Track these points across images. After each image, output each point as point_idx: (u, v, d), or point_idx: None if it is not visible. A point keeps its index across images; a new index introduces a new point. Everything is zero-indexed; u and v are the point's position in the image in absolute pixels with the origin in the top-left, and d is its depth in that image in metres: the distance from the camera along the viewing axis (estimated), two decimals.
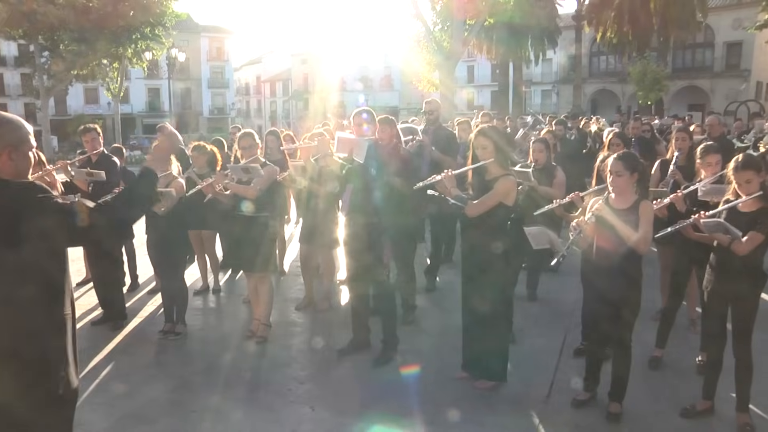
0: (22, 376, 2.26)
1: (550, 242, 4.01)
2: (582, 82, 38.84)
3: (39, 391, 2.31)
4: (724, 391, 4.10)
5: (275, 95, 68.55)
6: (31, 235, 2.18)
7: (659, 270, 5.80)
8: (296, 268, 7.16)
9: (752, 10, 27.14)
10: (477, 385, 4.53)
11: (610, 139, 6.03)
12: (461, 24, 18.72)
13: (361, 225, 4.92)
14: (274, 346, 5.45)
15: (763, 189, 3.82)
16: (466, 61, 48.46)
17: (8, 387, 2.24)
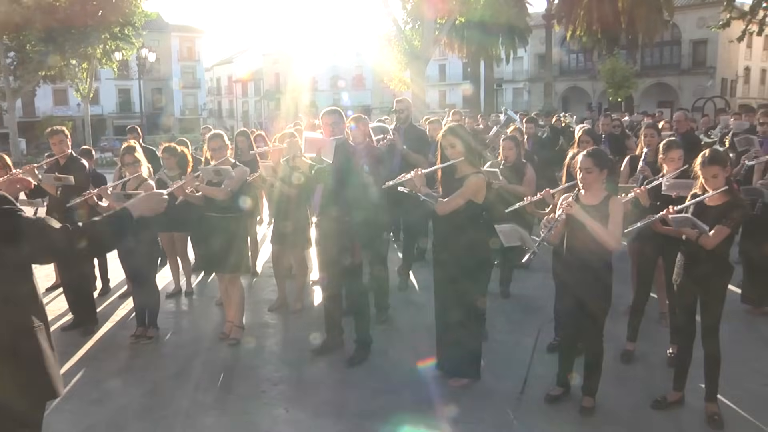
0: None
1: (521, 239, 4.03)
2: (553, 79, 39.25)
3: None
4: (694, 382, 4.17)
5: (247, 95, 68.12)
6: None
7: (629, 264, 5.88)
8: (269, 269, 7.12)
9: (716, 9, 27.78)
10: (451, 382, 4.55)
11: (579, 136, 6.10)
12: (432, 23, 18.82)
13: (333, 225, 4.90)
14: (247, 348, 5.42)
15: (728, 184, 3.90)
16: (437, 60, 48.66)
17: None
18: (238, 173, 5.36)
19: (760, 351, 5.15)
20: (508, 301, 6.50)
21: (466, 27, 29.82)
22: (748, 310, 5.99)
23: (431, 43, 19.01)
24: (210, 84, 71.71)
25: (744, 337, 5.35)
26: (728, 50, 39.64)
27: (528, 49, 42.33)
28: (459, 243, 4.33)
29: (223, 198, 5.28)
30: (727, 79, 42.65)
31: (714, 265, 3.91)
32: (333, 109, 5.18)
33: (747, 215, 4.11)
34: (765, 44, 45.32)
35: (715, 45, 39.54)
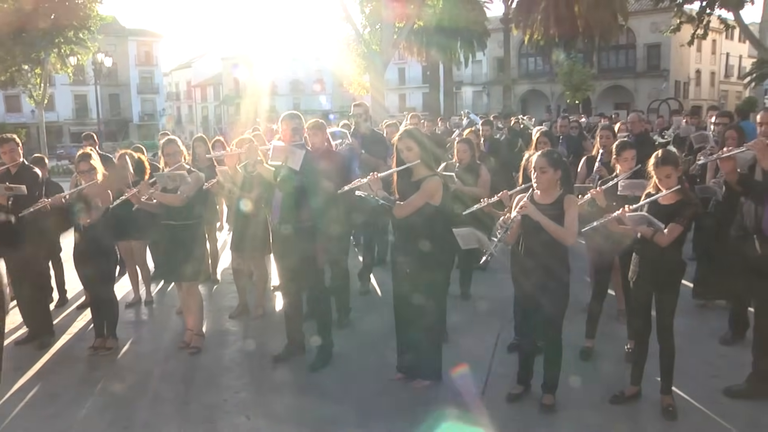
0: None
1: (479, 241, 4.08)
2: (512, 82, 39.81)
3: None
4: (650, 376, 4.27)
5: (206, 100, 67.45)
6: None
7: (587, 264, 6.00)
8: (229, 276, 7.06)
9: (668, 15, 28.60)
10: (413, 385, 4.58)
11: (537, 137, 6.20)
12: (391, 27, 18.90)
13: (293, 230, 4.88)
14: (208, 356, 5.36)
15: (680, 183, 4.02)
16: (396, 64, 48.90)
17: None
18: (193, 179, 5.31)
19: (710, 344, 5.30)
20: (468, 302, 6.56)
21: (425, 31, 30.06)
22: (701, 305, 6.16)
23: (390, 46, 19.09)
24: (169, 89, 70.71)
25: (696, 331, 5.49)
26: (680, 54, 40.83)
27: (487, 53, 42.85)
28: (417, 245, 4.35)
29: (178, 205, 5.22)
30: (680, 82, 43.90)
31: (668, 262, 4.02)
32: (293, 113, 5.17)
33: (699, 213, 4.23)
34: (713, 48, 46.93)
35: (668, 49, 40.69)
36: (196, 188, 5.36)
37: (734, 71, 49.86)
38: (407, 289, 4.48)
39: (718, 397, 4.31)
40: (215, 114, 65.55)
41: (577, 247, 5.67)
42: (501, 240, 3.95)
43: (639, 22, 41.14)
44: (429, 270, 4.39)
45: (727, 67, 50.16)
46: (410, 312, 4.48)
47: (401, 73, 53.67)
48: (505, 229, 3.96)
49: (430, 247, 4.32)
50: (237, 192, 5.87)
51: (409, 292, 4.46)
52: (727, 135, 5.85)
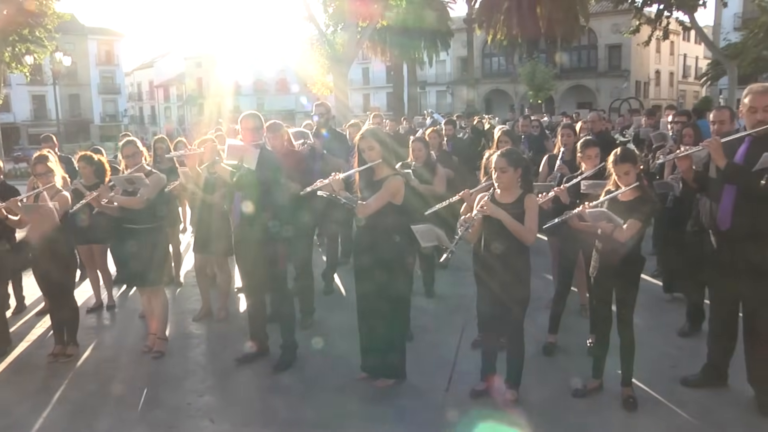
0: None
1: (438, 239, 4.10)
2: (475, 82, 40.14)
3: None
4: (611, 368, 4.35)
5: (169, 100, 66.45)
6: None
7: (550, 260, 6.09)
8: (193, 279, 6.97)
9: (628, 16, 29.15)
10: (377, 384, 4.58)
11: (498, 136, 6.27)
12: (354, 26, 18.87)
13: (255, 231, 4.85)
14: (171, 360, 5.30)
15: (639, 180, 4.10)
16: (360, 63, 48.87)
17: None
18: (153, 181, 5.22)
19: (669, 336, 5.42)
20: (432, 300, 6.59)
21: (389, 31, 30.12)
22: (659, 299, 6.30)
23: (354, 46, 19.05)
24: (131, 89, 69.49)
25: (655, 324, 5.62)
26: (640, 55, 41.70)
27: (450, 53, 43.11)
28: (379, 245, 4.36)
29: (138, 207, 5.14)
30: (641, 82, 44.87)
31: (627, 257, 4.10)
32: (252, 113, 5.12)
33: (657, 209, 4.33)
34: (671, 50, 48.10)
35: (629, 50, 41.51)
36: (157, 190, 5.28)
37: (691, 72, 51.23)
38: (370, 289, 4.48)
39: (676, 387, 4.42)
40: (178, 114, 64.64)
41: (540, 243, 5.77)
42: (461, 238, 3.98)
43: (600, 23, 41.92)
44: (392, 269, 4.40)
45: (684, 67, 51.52)
46: (373, 311, 4.49)
47: (365, 73, 53.62)
48: (465, 227, 3.99)
49: (392, 246, 4.33)
50: (200, 193, 5.80)
51: (372, 292, 4.46)
52: (684, 133, 6.01)
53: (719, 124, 4.87)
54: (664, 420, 4.06)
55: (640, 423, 4.04)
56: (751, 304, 4.10)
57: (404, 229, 4.28)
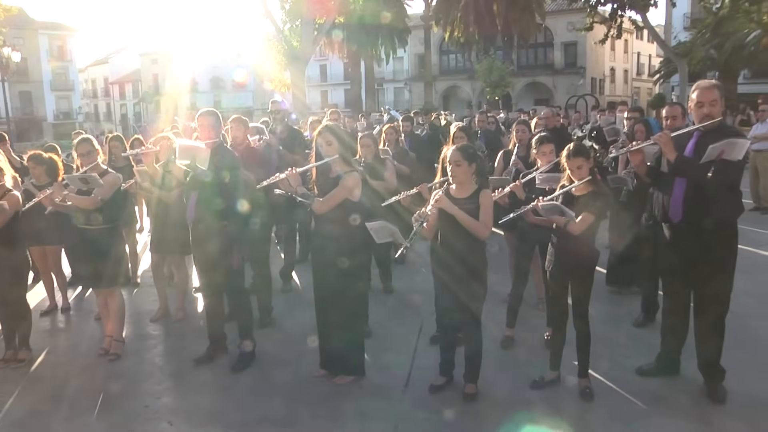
0: None
1: (392, 235, 4.11)
2: (433, 79, 40.36)
3: None
4: (568, 360, 4.43)
5: (125, 97, 65.06)
6: None
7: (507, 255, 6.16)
8: (150, 279, 6.85)
9: (582, 14, 29.73)
10: (336, 381, 4.58)
11: (454, 132, 6.30)
12: (311, 23, 18.77)
13: (210, 230, 4.79)
14: (128, 361, 5.20)
15: (592, 174, 4.18)
16: (318, 60, 48.63)
17: None
18: (108, 180, 5.10)
19: (624, 327, 5.54)
20: (391, 296, 6.61)
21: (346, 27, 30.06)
22: (614, 291, 6.44)
23: (311, 43, 18.95)
24: (85, 86, 67.76)
25: (611, 316, 5.74)
26: (596, 52, 42.52)
27: (408, 50, 43.25)
28: (337, 241, 4.36)
29: (93, 207, 5.02)
30: (596, 79, 45.77)
31: (581, 250, 4.17)
32: (210, 110, 5.06)
33: (609, 203, 4.42)
34: (626, 48, 49.25)
35: (584, 47, 42.30)
36: (113, 190, 5.16)
37: (645, 69, 52.53)
38: (328, 286, 4.48)
39: (631, 377, 4.52)
40: (134, 112, 63.34)
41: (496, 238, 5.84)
42: (416, 233, 3.99)
43: (556, 21, 42.61)
44: (348, 265, 4.39)
45: (638, 65, 52.77)
46: (331, 308, 4.49)
47: (323, 70, 53.28)
48: (420, 222, 4.00)
49: (349, 243, 4.33)
50: (156, 192, 5.71)
51: (330, 289, 4.46)
52: (636, 128, 6.15)
53: (672, 120, 5.00)
54: (620, 408, 4.15)
55: (596, 412, 4.12)
56: (701, 294, 4.22)
57: (361, 225, 4.27)
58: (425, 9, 35.49)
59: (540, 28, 37.66)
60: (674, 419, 4.00)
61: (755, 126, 11.66)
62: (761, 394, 4.25)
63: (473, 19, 32.33)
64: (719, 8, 24.98)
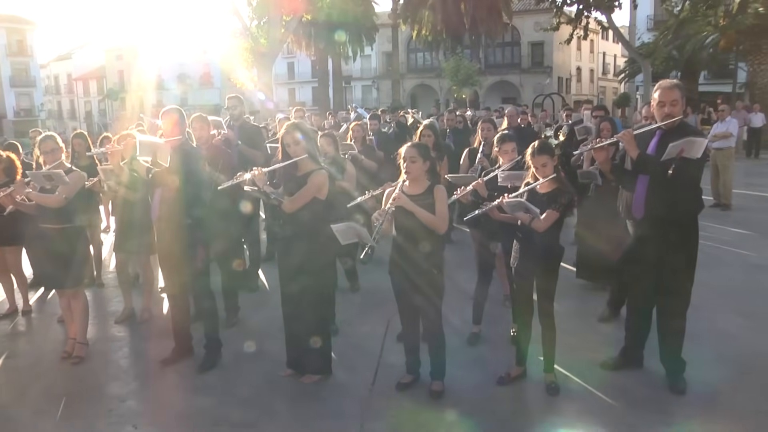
0: None
1: (358, 235, 4.11)
2: (400, 77, 40.42)
3: None
4: (534, 356, 4.49)
5: (89, 94, 63.67)
6: None
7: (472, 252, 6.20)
8: (115, 279, 6.74)
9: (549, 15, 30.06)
10: (303, 380, 4.57)
11: (421, 130, 6.33)
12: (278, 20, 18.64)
13: (174, 228, 4.74)
14: (92, 364, 5.11)
15: (556, 171, 4.23)
16: (285, 58, 48.30)
17: None
18: (73, 178, 5.00)
19: (590, 323, 5.63)
20: (358, 294, 6.62)
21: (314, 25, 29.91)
22: (582, 286, 6.54)
23: (278, 40, 18.83)
24: (47, 82, 66.19)
25: (576, 311, 5.82)
26: (562, 52, 43.07)
27: (375, 47, 43.24)
28: (303, 239, 4.34)
29: (56, 206, 4.91)
30: (563, 78, 46.37)
31: (546, 247, 4.23)
32: (174, 107, 5.01)
33: (574, 200, 4.48)
34: (591, 48, 50.03)
35: (551, 47, 42.81)
36: (77, 188, 5.06)
37: (610, 69, 53.43)
38: (295, 284, 4.45)
39: (596, 371, 4.60)
40: (99, 109, 62.07)
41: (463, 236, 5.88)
42: (378, 233, 4.00)
43: (523, 21, 43.06)
44: (316, 264, 4.39)
45: (604, 65, 53.65)
46: (298, 307, 4.47)
47: (290, 68, 52.87)
48: (380, 221, 4.01)
49: (316, 241, 4.32)
50: (122, 191, 5.61)
51: (297, 287, 4.44)
52: (602, 127, 6.26)
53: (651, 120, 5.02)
54: (585, 402, 4.22)
55: (562, 407, 4.18)
56: (664, 289, 4.30)
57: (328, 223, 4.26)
58: (393, 7, 35.51)
59: (507, 28, 38.00)
60: (636, 411, 4.08)
61: (715, 125, 11.96)
62: (717, 385, 4.37)
63: (441, 17, 32.50)
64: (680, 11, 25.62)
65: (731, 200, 11.18)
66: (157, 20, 72.53)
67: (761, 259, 7.63)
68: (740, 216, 10.47)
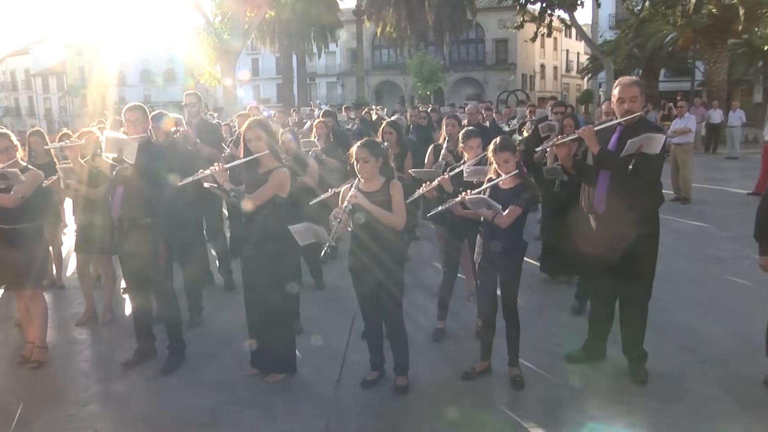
0: None
1: (316, 235, 4.09)
2: (365, 74, 40.41)
3: None
4: (499, 350, 4.52)
5: (49, 91, 62.05)
6: None
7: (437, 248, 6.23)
8: (75, 280, 6.58)
9: (513, 12, 30.39)
10: (268, 379, 4.53)
11: (383, 128, 6.32)
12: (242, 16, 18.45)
13: (136, 227, 4.66)
14: (51, 369, 4.97)
15: (518, 168, 4.27)
16: (249, 54, 47.81)
17: None
18: (29, 177, 4.86)
19: (554, 315, 5.72)
20: (322, 292, 6.59)
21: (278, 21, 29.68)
22: (545, 279, 6.63)
23: (241, 36, 18.63)
24: (3, 78, 64.36)
25: (540, 305, 5.90)
26: (526, 49, 43.57)
27: (340, 44, 43.13)
28: (266, 237, 4.30)
29: (12, 205, 4.76)
30: (527, 75, 46.89)
31: (509, 242, 4.26)
32: (136, 104, 4.93)
33: (536, 195, 4.53)
34: (555, 45, 50.71)
35: (515, 44, 43.26)
36: (34, 187, 4.91)
37: (574, 66, 54.21)
38: (258, 283, 4.41)
39: (560, 364, 4.67)
40: (59, 106, 60.59)
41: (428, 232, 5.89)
42: (336, 232, 3.99)
43: (487, 18, 43.39)
44: (278, 262, 4.35)
45: (567, 62, 54.41)
46: (261, 305, 4.43)
47: (255, 64, 52.37)
48: (338, 220, 3.99)
49: (279, 239, 4.28)
50: (81, 188, 5.48)
51: (260, 285, 4.40)
52: (565, 123, 6.33)
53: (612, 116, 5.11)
54: (550, 394, 4.28)
55: (527, 400, 4.23)
56: (626, 282, 4.37)
57: (291, 221, 4.22)
58: (357, 4, 35.46)
59: (471, 25, 38.26)
60: (600, 401, 4.16)
61: (675, 121, 12.22)
62: (676, 374, 4.49)
63: (405, 14, 32.58)
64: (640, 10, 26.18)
65: (691, 194, 11.45)
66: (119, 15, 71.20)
67: (719, 251, 7.83)
68: (699, 209, 10.72)
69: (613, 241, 4.28)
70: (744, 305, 5.79)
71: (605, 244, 4.35)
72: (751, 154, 18.44)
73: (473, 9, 35.16)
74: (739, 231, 8.75)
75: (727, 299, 6.09)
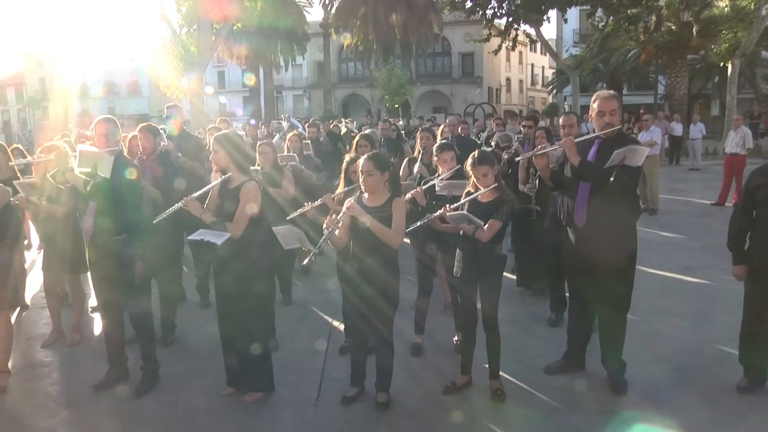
0: None
1: (300, 240, 4.01)
2: (332, 86, 40.44)
3: None
4: (479, 363, 4.50)
5: (7, 103, 60.44)
6: None
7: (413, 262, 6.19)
8: (41, 300, 6.35)
9: (479, 26, 30.76)
10: (245, 399, 4.42)
11: (357, 140, 6.29)
12: (208, 27, 18.26)
13: (109, 245, 4.51)
14: (16, 394, 4.74)
15: (497, 181, 4.26)
16: (216, 66, 47.42)
17: None
18: None
19: (532, 327, 5.73)
20: (296, 307, 6.48)
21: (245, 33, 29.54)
22: (521, 292, 6.65)
23: (208, 48, 18.43)
24: None
25: (519, 318, 5.91)
26: (492, 63, 44.15)
27: (307, 57, 43.08)
28: (238, 252, 4.19)
29: None
30: (493, 88, 47.49)
31: (489, 256, 4.24)
32: (107, 117, 4.81)
33: (515, 209, 4.53)
34: (520, 59, 51.57)
35: (481, 58, 43.78)
36: (1, 205, 4.74)
37: (539, 80, 55.18)
38: (231, 300, 4.31)
39: (540, 375, 4.67)
40: (19, 119, 59.07)
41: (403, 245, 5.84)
42: (325, 240, 3.92)
43: (453, 32, 43.88)
44: (252, 279, 4.25)
45: (533, 76, 55.35)
46: (235, 323, 4.33)
47: (221, 77, 51.94)
48: (331, 230, 3.94)
49: (251, 254, 4.18)
50: (45, 205, 5.30)
51: (233, 303, 4.29)
52: (538, 135, 6.37)
53: (569, 128, 5.21)
54: (531, 407, 4.27)
55: (509, 412, 4.21)
56: (605, 293, 4.37)
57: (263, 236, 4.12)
58: (324, 16, 35.49)
59: (438, 38, 38.59)
60: (580, 412, 4.17)
61: (641, 134, 12.47)
62: (653, 382, 4.52)
63: (372, 27, 32.68)
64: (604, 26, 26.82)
65: (658, 205, 11.67)
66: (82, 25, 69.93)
67: (689, 260, 7.95)
68: (667, 220, 10.93)
69: (592, 253, 4.27)
70: (716, 313, 5.88)
71: (584, 256, 4.36)
72: (712, 165, 18.92)
73: (440, 22, 35.48)
74: (706, 240, 8.95)
75: (699, 308, 6.18)
